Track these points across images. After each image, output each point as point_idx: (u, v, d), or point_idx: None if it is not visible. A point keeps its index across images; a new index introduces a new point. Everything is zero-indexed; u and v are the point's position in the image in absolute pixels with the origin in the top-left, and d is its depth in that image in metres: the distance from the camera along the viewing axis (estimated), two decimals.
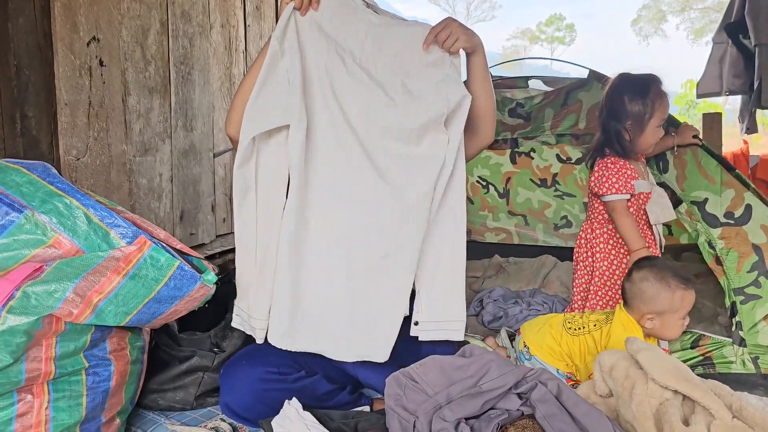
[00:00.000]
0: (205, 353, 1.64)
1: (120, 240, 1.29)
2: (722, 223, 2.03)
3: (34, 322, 1.18)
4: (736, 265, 1.97)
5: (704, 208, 2.08)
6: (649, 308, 1.78)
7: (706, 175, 2.12)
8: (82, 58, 1.95)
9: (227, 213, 2.88)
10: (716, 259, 2.02)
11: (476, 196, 3.62)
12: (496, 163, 3.53)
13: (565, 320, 1.92)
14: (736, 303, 1.94)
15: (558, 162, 3.43)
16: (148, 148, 2.28)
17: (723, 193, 2.07)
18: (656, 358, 1.37)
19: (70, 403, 1.26)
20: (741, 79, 4.00)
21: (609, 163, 2.08)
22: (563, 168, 3.43)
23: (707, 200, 2.09)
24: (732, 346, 1.91)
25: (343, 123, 1.51)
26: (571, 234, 3.45)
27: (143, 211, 2.28)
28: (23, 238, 1.25)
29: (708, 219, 2.05)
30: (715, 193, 2.08)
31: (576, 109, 2.53)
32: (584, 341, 1.84)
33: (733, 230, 2.00)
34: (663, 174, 2.20)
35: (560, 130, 2.54)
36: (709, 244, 2.04)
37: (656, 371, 1.33)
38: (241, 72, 2.93)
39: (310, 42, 1.52)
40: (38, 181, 1.32)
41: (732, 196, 2.05)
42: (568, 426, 1.21)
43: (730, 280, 1.97)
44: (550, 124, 2.55)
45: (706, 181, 2.11)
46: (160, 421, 1.54)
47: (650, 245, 2.11)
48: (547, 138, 2.55)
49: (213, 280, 1.37)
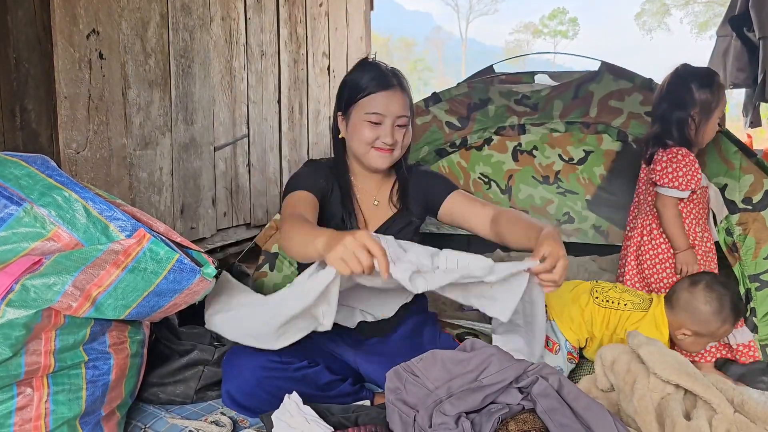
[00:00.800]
0: (206, 347, 1.64)
1: (119, 233, 1.29)
2: (740, 209, 2.03)
3: (34, 315, 1.17)
4: (752, 252, 1.96)
5: (723, 194, 2.06)
6: (694, 328, 1.76)
7: (725, 160, 2.11)
8: (81, 50, 1.94)
9: (228, 207, 2.88)
10: (732, 246, 2.01)
11: (478, 192, 3.61)
12: (497, 161, 3.51)
13: (593, 289, 1.88)
14: (750, 290, 1.93)
15: (560, 161, 3.41)
16: (148, 141, 2.27)
17: (742, 179, 2.06)
18: (658, 353, 1.37)
19: (70, 397, 1.26)
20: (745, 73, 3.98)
21: (679, 154, 2.01)
22: (565, 167, 3.42)
23: (726, 186, 2.08)
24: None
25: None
26: (573, 229, 3.43)
27: (143, 205, 2.27)
28: (22, 231, 1.25)
29: (727, 205, 2.04)
30: (734, 179, 2.07)
31: (587, 101, 2.51)
32: (609, 315, 1.82)
33: (751, 216, 2.00)
34: None
35: (570, 118, 2.53)
36: (726, 231, 2.03)
37: (658, 366, 1.33)
38: (242, 65, 2.92)
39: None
40: (37, 174, 1.31)
41: (751, 181, 2.04)
42: (569, 420, 1.20)
43: (746, 267, 1.96)
44: (560, 113, 2.53)
45: (726, 167, 2.10)
46: (161, 415, 1.54)
47: (699, 244, 2.07)
48: (556, 125, 2.53)
49: (212, 273, 1.36)
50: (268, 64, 3.18)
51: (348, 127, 1.68)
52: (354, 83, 1.66)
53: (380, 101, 1.61)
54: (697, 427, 1.20)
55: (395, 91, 1.63)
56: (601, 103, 2.46)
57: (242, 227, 3.04)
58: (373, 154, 1.66)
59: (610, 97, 2.46)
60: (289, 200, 1.62)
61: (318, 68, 3.86)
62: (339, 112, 1.72)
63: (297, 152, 3.57)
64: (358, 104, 1.64)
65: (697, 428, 1.20)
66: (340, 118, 1.71)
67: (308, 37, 3.68)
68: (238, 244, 2.94)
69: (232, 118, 2.85)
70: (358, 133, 1.64)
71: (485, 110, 2.70)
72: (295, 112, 3.54)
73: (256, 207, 3.15)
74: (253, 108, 3.04)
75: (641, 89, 2.42)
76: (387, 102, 1.62)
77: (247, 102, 2.98)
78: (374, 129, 1.63)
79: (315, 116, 3.84)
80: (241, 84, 2.92)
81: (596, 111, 2.44)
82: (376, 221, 1.78)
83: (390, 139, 1.63)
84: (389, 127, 1.63)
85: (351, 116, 1.66)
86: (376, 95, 1.62)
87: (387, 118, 1.62)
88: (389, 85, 1.63)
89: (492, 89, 2.73)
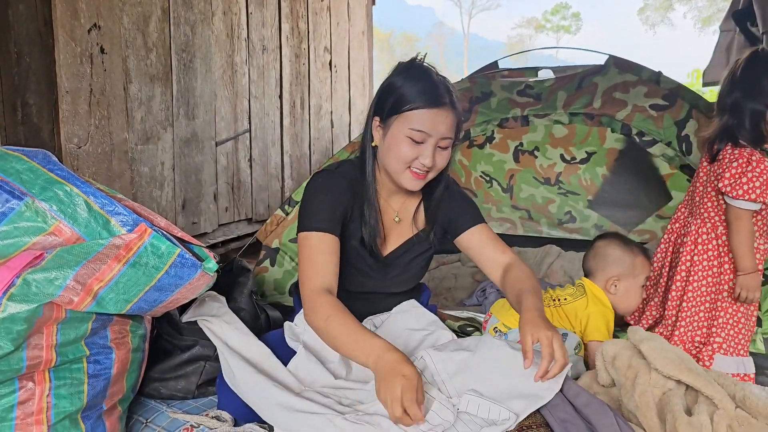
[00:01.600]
0: (207, 342, 1.64)
1: (120, 228, 1.29)
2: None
3: (35, 309, 1.17)
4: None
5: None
6: (612, 272, 1.88)
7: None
8: (83, 45, 1.94)
9: (229, 202, 2.87)
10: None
11: (479, 190, 3.61)
12: (499, 160, 3.51)
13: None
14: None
15: (562, 162, 3.40)
16: (149, 136, 2.27)
17: None
18: (659, 348, 1.36)
19: (72, 391, 1.26)
20: None
21: (753, 160, 1.75)
22: (567, 168, 3.40)
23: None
24: None
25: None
26: (575, 228, 3.43)
27: (145, 200, 2.27)
28: (23, 226, 1.25)
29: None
30: None
31: (591, 91, 2.46)
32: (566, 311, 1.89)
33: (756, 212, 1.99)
34: (687, 156, 2.16)
35: (573, 109, 2.47)
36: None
37: (659, 361, 1.32)
38: (244, 60, 2.91)
39: None
40: (38, 169, 1.31)
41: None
42: (570, 416, 1.20)
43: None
44: (563, 103, 2.49)
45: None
46: (162, 410, 1.54)
47: (760, 260, 1.86)
48: (559, 116, 2.49)
49: (214, 268, 1.36)
50: (269, 58, 3.18)
51: (385, 138, 1.49)
52: (400, 91, 1.46)
53: (427, 119, 1.43)
54: (699, 423, 1.20)
55: (445, 109, 1.44)
56: (605, 95, 2.42)
57: (243, 222, 3.04)
58: (407, 176, 1.49)
59: (614, 89, 2.43)
60: (309, 245, 1.46)
61: (320, 63, 3.85)
62: (377, 116, 1.52)
63: (298, 147, 3.56)
64: (402, 116, 1.45)
65: (699, 424, 1.20)
66: (376, 123, 1.52)
67: (310, 31, 3.67)
68: (239, 239, 2.94)
69: (234, 113, 2.85)
70: (397, 148, 1.46)
71: (487, 102, 2.68)
72: (297, 107, 3.54)
73: (258, 202, 3.15)
74: (255, 103, 3.04)
75: (647, 82, 2.39)
76: (434, 121, 1.43)
77: (248, 97, 2.98)
78: (414, 148, 1.45)
79: (317, 111, 3.84)
80: (243, 79, 2.92)
81: (600, 102, 2.40)
82: (395, 240, 1.65)
83: (429, 162, 1.45)
84: (431, 148, 1.45)
85: (391, 127, 1.47)
86: (423, 111, 1.42)
87: (431, 138, 1.44)
88: (440, 102, 1.44)
89: (494, 83, 2.72)
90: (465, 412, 1.25)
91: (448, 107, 1.45)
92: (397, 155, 1.46)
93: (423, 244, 1.68)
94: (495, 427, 1.20)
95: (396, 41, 52.76)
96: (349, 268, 1.61)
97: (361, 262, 1.61)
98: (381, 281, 1.66)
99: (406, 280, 1.71)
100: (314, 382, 1.44)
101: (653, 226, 3.34)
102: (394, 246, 1.65)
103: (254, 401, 1.36)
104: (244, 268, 2.14)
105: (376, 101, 1.53)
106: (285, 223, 2.41)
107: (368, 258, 1.61)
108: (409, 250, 1.66)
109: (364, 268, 1.63)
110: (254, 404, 1.36)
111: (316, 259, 1.43)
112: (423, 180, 1.50)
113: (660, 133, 2.23)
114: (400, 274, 1.68)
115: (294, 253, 2.37)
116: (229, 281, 1.88)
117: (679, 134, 2.20)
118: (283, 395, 1.34)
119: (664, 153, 2.25)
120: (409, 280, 1.71)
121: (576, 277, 2.86)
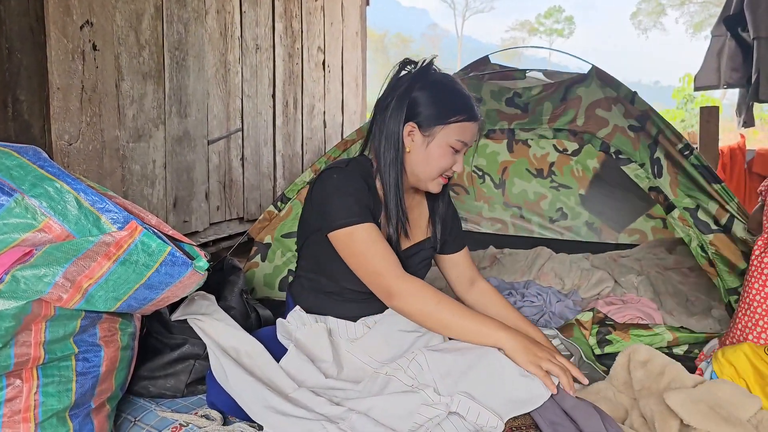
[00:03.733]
0: (197, 341, 1.63)
1: (111, 225, 1.28)
2: (713, 230, 2.04)
3: (23, 306, 1.17)
4: (728, 268, 1.98)
5: (696, 215, 2.08)
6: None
7: (696, 183, 2.13)
8: (75, 42, 1.93)
9: (221, 201, 2.87)
10: (709, 262, 2.03)
11: (471, 186, 3.62)
12: (493, 152, 3.53)
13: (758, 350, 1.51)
14: (731, 301, 1.96)
15: (555, 152, 3.43)
16: (141, 134, 2.26)
17: (709, 203, 2.08)
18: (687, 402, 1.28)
19: (60, 389, 1.25)
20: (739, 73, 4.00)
21: None
22: (560, 158, 3.43)
23: (699, 207, 2.09)
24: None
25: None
26: (566, 226, 3.45)
27: (136, 198, 2.27)
28: (12, 222, 1.24)
29: (700, 225, 2.06)
30: (704, 201, 2.09)
31: (575, 105, 2.50)
32: None
33: (723, 237, 2.02)
34: (657, 178, 2.19)
35: (558, 125, 2.51)
36: (701, 248, 2.05)
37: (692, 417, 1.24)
38: (237, 59, 2.91)
39: None
40: (28, 165, 1.30)
41: (716, 207, 2.07)
42: (559, 418, 1.21)
43: (724, 281, 1.98)
44: (548, 117, 2.52)
45: (697, 190, 2.12)
46: (151, 408, 1.53)
47: None
48: (545, 132, 2.53)
49: (204, 266, 1.36)
50: (262, 57, 3.17)
51: (427, 147, 1.50)
52: (447, 101, 1.49)
53: (470, 131, 1.51)
54: None
55: (477, 123, 1.54)
56: (588, 111, 2.46)
57: (235, 221, 3.04)
58: (437, 181, 1.55)
59: (597, 106, 2.45)
60: (359, 239, 1.43)
61: (313, 63, 3.85)
62: (413, 122, 1.50)
63: (291, 147, 3.56)
64: (450, 127, 1.48)
65: None
66: (412, 129, 1.51)
67: (303, 31, 3.67)
68: (230, 238, 2.94)
69: (226, 112, 2.84)
70: (440, 158, 1.50)
71: None
72: (290, 107, 3.53)
73: (249, 201, 3.14)
74: (248, 102, 3.03)
75: (623, 100, 2.43)
76: (473, 133, 1.53)
77: (241, 96, 2.97)
78: (452, 157, 1.51)
79: (309, 111, 3.83)
80: (236, 77, 2.91)
81: (583, 120, 2.44)
82: (404, 243, 1.66)
83: (461, 168, 1.54)
84: (462, 157, 1.54)
85: (436, 137, 1.49)
86: (470, 125, 1.50)
87: (466, 148, 1.54)
88: (478, 116, 1.53)
89: (484, 87, 2.73)
90: (455, 412, 1.25)
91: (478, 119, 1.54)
92: (438, 164, 1.50)
93: (428, 251, 1.71)
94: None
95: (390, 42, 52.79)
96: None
97: None
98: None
99: None
100: (305, 380, 1.45)
101: (643, 226, 3.37)
102: (407, 245, 1.67)
103: (245, 402, 1.36)
104: (234, 267, 2.13)
105: (411, 108, 1.49)
106: (277, 219, 2.40)
107: None
108: (415, 254, 1.68)
109: None
110: (245, 404, 1.36)
111: (377, 249, 1.42)
112: (446, 183, 1.58)
113: (635, 155, 2.26)
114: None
115: (287, 248, 2.37)
116: (219, 280, 1.88)
117: (651, 156, 2.24)
118: (276, 399, 1.34)
119: (636, 173, 2.28)
120: None
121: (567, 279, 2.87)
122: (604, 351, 1.96)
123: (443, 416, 1.23)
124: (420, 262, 1.71)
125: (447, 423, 1.23)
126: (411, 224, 1.64)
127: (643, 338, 1.96)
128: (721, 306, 2.42)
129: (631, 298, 2.56)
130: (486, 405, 1.25)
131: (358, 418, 1.26)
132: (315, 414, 1.29)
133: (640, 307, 2.40)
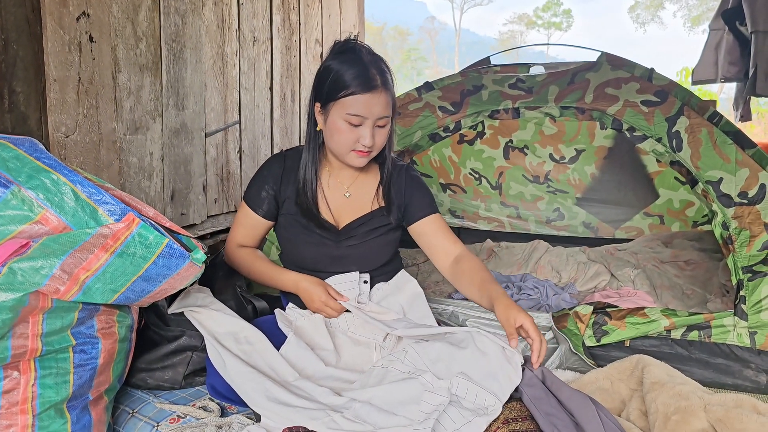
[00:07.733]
0: (194, 333, 1.64)
1: (108, 217, 1.28)
2: (736, 203, 2.03)
3: (21, 298, 1.17)
4: (747, 244, 1.97)
5: (719, 187, 2.06)
6: None
7: (720, 153, 2.10)
8: (71, 33, 1.92)
9: (218, 193, 2.87)
10: (728, 239, 2.02)
11: (469, 187, 3.62)
12: (489, 157, 3.52)
13: None
14: (743, 280, 1.95)
15: (551, 161, 3.41)
16: (138, 126, 2.26)
17: (738, 173, 2.05)
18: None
19: (57, 381, 1.26)
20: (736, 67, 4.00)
21: None
22: (556, 167, 3.42)
23: (722, 180, 2.07)
24: (733, 316, 1.93)
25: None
26: (563, 225, 3.45)
27: (133, 190, 2.26)
28: (9, 214, 1.24)
29: (722, 199, 2.04)
30: (729, 173, 2.07)
31: (583, 87, 2.47)
32: None
33: (746, 209, 2.00)
34: (677, 152, 2.16)
35: (565, 102, 2.48)
36: (723, 225, 2.04)
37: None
38: (234, 51, 2.90)
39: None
40: (25, 157, 1.30)
41: (746, 175, 2.03)
42: (554, 409, 1.22)
43: (739, 259, 1.98)
44: (555, 96, 2.50)
45: (721, 160, 2.09)
46: (149, 400, 1.54)
47: None
48: (551, 110, 2.49)
49: (202, 258, 1.36)
50: (260, 50, 3.16)
51: (326, 123, 1.60)
52: (336, 78, 1.54)
53: (363, 103, 1.52)
54: None
55: (379, 92, 1.54)
56: (597, 90, 2.42)
57: (232, 214, 3.04)
58: (351, 156, 1.61)
59: (606, 85, 2.42)
60: (240, 211, 1.79)
61: (311, 55, 3.84)
62: (317, 102, 1.62)
63: (288, 139, 3.55)
64: (339, 102, 1.54)
65: None
66: (317, 108, 1.63)
67: (301, 23, 3.66)
68: (228, 230, 2.93)
69: (224, 104, 2.84)
70: (338, 133, 1.57)
71: (478, 95, 2.67)
72: (287, 99, 3.52)
73: None
74: (245, 94, 3.03)
75: (639, 79, 2.40)
76: (369, 105, 1.53)
77: (238, 88, 2.97)
78: (354, 131, 1.56)
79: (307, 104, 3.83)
80: (233, 70, 2.90)
81: (592, 97, 2.40)
82: (350, 214, 1.74)
83: (369, 142, 1.56)
84: (369, 129, 1.56)
85: (330, 113, 1.58)
86: (358, 97, 1.52)
87: (368, 120, 1.54)
88: (373, 87, 1.53)
89: (486, 77, 2.72)
90: (455, 394, 1.28)
91: (381, 89, 1.54)
92: (339, 139, 1.58)
93: (381, 219, 1.75)
94: (486, 417, 1.21)
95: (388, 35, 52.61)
96: (300, 244, 1.71)
97: (310, 234, 1.71)
98: (336, 249, 1.71)
99: (366, 253, 1.74)
100: (304, 368, 1.46)
101: (640, 223, 3.37)
102: (350, 219, 1.73)
103: (247, 392, 1.37)
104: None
105: (316, 86, 1.63)
106: None
107: (317, 230, 1.70)
108: (365, 223, 1.73)
109: (314, 239, 1.70)
110: (247, 395, 1.37)
111: (236, 222, 1.78)
112: (367, 157, 1.62)
113: (651, 129, 2.24)
114: (358, 245, 1.72)
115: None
116: (215, 273, 1.88)
117: (669, 130, 2.21)
118: (278, 389, 1.35)
119: (654, 149, 2.26)
120: (369, 254, 1.75)
121: (563, 272, 2.88)
122: (601, 342, 1.96)
123: (447, 403, 1.24)
124: (368, 231, 1.73)
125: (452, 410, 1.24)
126: (355, 196, 1.74)
127: (639, 326, 1.96)
128: (716, 298, 2.43)
129: (628, 291, 2.57)
130: (482, 385, 1.27)
131: (361, 406, 1.27)
132: (318, 404, 1.31)
133: (636, 300, 2.41)
